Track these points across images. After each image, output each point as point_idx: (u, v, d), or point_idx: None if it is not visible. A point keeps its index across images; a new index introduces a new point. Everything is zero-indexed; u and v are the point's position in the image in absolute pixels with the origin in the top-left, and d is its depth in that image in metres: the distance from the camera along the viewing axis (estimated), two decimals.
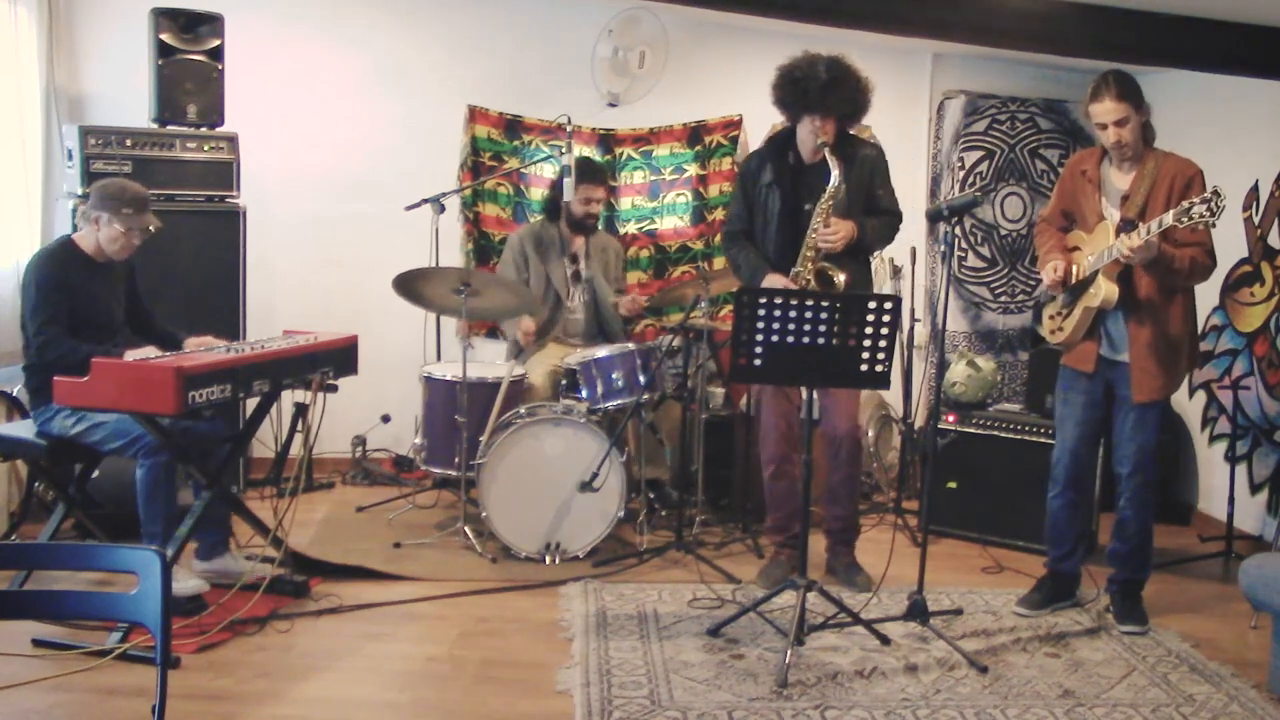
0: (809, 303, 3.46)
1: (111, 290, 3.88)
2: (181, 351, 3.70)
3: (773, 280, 4.04)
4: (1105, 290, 3.72)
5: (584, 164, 5.09)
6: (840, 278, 3.98)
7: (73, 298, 3.72)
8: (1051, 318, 4.00)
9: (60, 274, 3.72)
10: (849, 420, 4.16)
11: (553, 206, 5.11)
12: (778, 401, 4.18)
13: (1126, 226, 3.67)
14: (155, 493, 3.65)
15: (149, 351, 3.71)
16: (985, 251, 6.11)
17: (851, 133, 4.23)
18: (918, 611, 3.68)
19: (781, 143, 4.23)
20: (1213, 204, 3.35)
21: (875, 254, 4.65)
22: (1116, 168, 3.82)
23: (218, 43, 4.97)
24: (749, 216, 4.23)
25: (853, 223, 4.03)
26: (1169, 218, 3.46)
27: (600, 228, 5.35)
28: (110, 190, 3.78)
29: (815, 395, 4.12)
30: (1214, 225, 3.45)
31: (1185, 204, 3.42)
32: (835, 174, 3.96)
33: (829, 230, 3.97)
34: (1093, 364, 3.87)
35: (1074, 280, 3.84)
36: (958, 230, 4.81)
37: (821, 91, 3.95)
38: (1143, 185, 3.71)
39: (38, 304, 3.68)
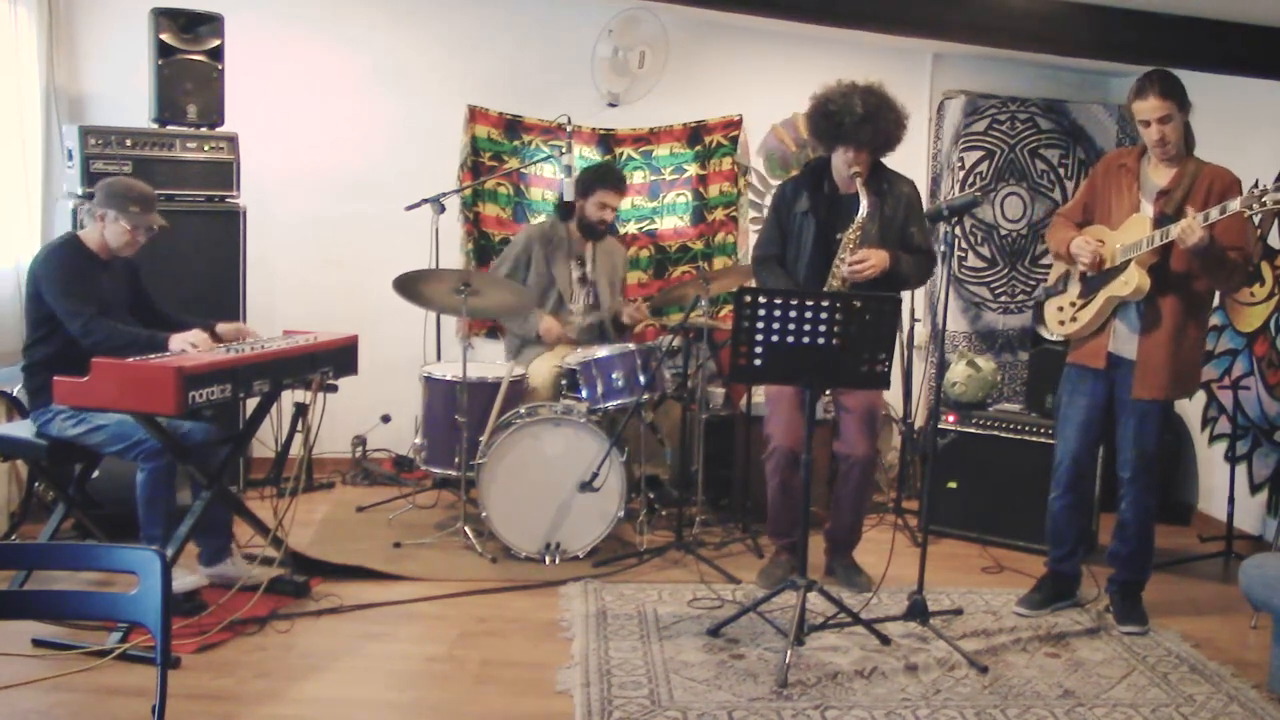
0: (809, 303, 3.46)
1: (116, 288, 3.88)
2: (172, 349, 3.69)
3: None
4: (1138, 279, 3.67)
5: (605, 169, 5.12)
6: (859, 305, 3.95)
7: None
8: (1061, 308, 3.98)
9: (75, 262, 3.73)
10: (866, 444, 4.11)
11: (565, 207, 5.10)
12: (789, 415, 4.10)
13: (1162, 221, 3.66)
14: (155, 497, 3.65)
15: (192, 335, 3.71)
16: (985, 251, 6.11)
17: (888, 166, 4.16)
18: (918, 611, 3.68)
19: (818, 171, 4.20)
20: None
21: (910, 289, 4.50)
22: (1155, 166, 3.80)
23: (218, 43, 4.97)
24: (781, 242, 4.21)
25: (886, 251, 3.97)
26: (1236, 204, 3.44)
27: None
28: (117, 188, 3.79)
29: (835, 410, 4.12)
30: None
31: (1257, 190, 3.39)
32: (864, 205, 3.94)
33: (856, 259, 3.93)
34: (1104, 359, 3.85)
35: (1101, 268, 3.81)
36: (958, 230, 4.81)
37: (856, 125, 3.90)
38: (1183, 183, 3.69)
39: (64, 291, 3.66)
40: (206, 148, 4.93)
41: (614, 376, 4.50)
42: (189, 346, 3.64)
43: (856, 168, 3.96)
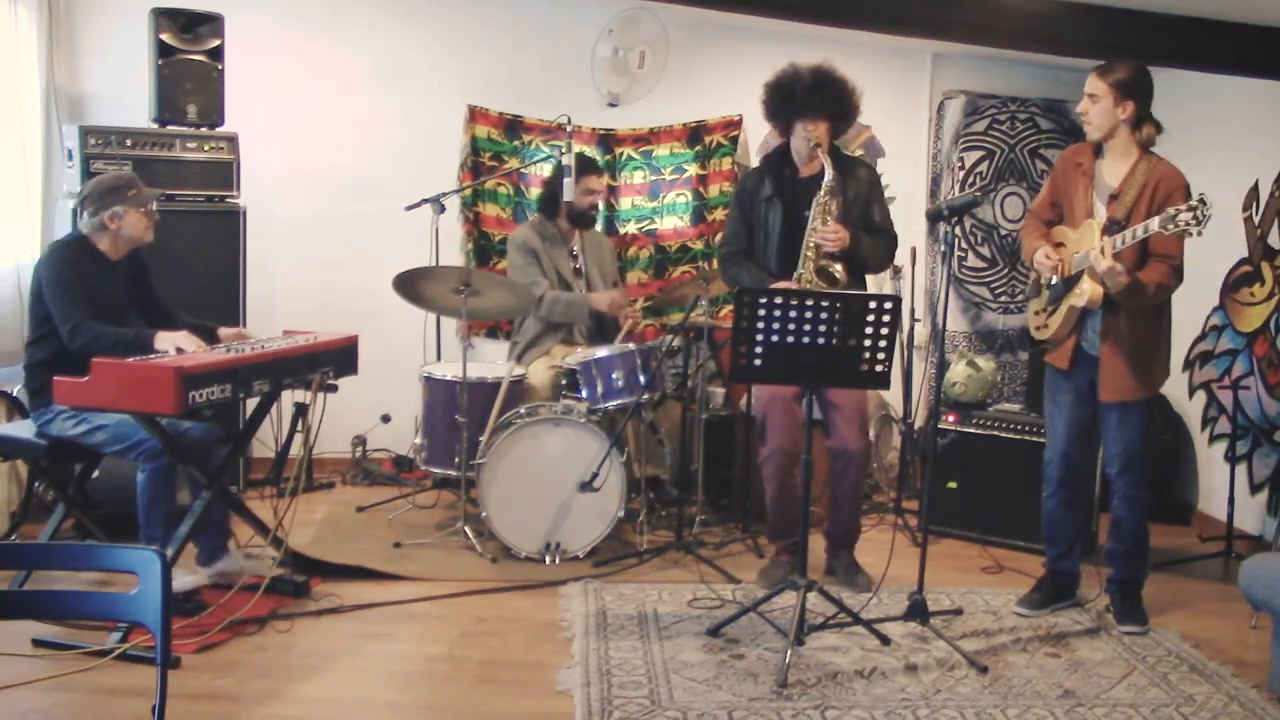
0: (809, 303, 3.46)
1: (123, 289, 3.89)
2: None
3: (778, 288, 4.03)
4: (1090, 291, 3.69)
5: (578, 159, 5.10)
6: (838, 268, 3.98)
7: (89, 291, 3.72)
8: (1036, 313, 4.01)
9: (78, 264, 3.73)
10: (860, 438, 4.13)
11: (550, 202, 5.09)
12: (784, 419, 4.11)
13: (1112, 227, 3.66)
14: (156, 497, 3.65)
15: (179, 337, 3.70)
16: (985, 251, 6.11)
17: (846, 153, 4.22)
18: (918, 611, 3.68)
19: (778, 158, 4.25)
20: (1199, 212, 3.32)
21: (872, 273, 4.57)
22: (1108, 163, 3.79)
23: (218, 43, 4.97)
24: (747, 236, 4.24)
25: (847, 230, 4.02)
26: (1154, 223, 3.44)
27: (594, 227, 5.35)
28: (105, 185, 3.80)
29: (824, 409, 4.13)
30: (1199, 234, 3.38)
31: (1171, 210, 3.39)
32: (829, 174, 3.99)
33: (828, 229, 3.98)
34: (1069, 361, 3.87)
35: (1062, 276, 3.83)
36: (958, 230, 4.81)
37: (808, 93, 3.99)
38: (1132, 186, 3.69)
39: (60, 291, 3.67)
40: (206, 148, 4.93)
41: (614, 376, 4.50)
42: (173, 348, 3.64)
43: (816, 139, 4.01)
